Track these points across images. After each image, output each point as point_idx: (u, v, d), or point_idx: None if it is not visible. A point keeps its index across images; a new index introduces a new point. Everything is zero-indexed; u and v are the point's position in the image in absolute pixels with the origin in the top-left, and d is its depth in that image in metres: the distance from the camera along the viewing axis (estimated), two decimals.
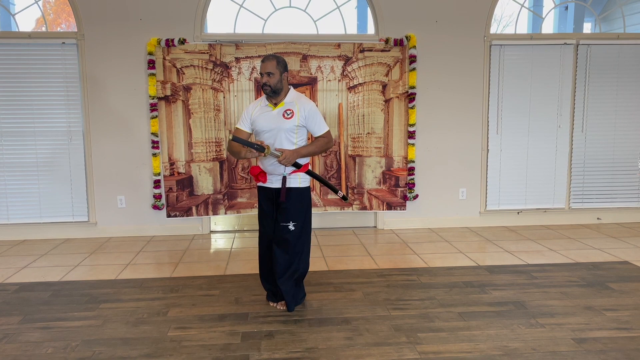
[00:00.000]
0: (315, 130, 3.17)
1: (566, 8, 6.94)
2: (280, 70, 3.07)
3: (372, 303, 3.35)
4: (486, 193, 5.58)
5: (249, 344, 2.79)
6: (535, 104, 5.51)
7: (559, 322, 3.03)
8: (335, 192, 3.41)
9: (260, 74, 3.08)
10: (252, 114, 3.21)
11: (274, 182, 3.17)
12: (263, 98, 3.23)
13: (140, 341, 2.83)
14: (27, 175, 5.14)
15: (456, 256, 4.45)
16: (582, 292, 3.53)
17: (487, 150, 5.52)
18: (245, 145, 3.00)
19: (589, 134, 5.60)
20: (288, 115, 3.09)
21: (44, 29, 5.21)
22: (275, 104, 3.14)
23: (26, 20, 5.16)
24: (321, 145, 3.18)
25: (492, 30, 5.40)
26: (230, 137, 3.03)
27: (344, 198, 3.45)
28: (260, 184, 3.24)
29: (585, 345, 2.74)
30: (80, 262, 4.36)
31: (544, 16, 5.63)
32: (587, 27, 6.81)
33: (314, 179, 3.46)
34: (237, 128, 3.28)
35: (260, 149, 2.96)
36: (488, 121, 5.48)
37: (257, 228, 3.36)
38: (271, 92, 3.09)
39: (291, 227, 3.12)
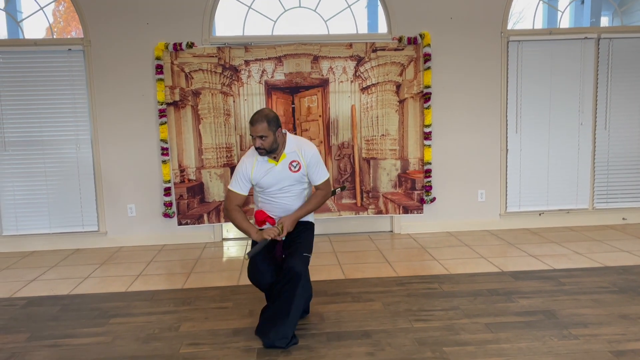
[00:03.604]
0: (316, 179, 2.95)
1: (582, 2, 6.72)
2: (273, 130, 2.77)
3: (393, 314, 3.19)
4: (506, 194, 5.38)
5: None
6: (555, 101, 5.31)
7: (593, 333, 2.85)
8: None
9: (252, 136, 2.79)
10: (252, 175, 2.90)
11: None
12: (255, 154, 2.90)
13: (151, 359, 2.70)
14: (35, 185, 5.05)
15: (478, 261, 4.26)
16: (615, 299, 3.33)
17: (506, 150, 5.33)
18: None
19: (612, 131, 5.38)
20: (295, 167, 2.88)
21: (55, 36, 5.12)
22: (276, 158, 2.89)
23: (36, 28, 5.08)
24: (319, 201, 2.98)
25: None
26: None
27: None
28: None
29: (625, 359, 2.55)
30: (90, 274, 4.25)
31: (562, 10, 5.43)
32: (605, 21, 6.58)
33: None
34: (234, 192, 2.92)
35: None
36: (507, 120, 5.29)
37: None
38: (266, 153, 2.83)
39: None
